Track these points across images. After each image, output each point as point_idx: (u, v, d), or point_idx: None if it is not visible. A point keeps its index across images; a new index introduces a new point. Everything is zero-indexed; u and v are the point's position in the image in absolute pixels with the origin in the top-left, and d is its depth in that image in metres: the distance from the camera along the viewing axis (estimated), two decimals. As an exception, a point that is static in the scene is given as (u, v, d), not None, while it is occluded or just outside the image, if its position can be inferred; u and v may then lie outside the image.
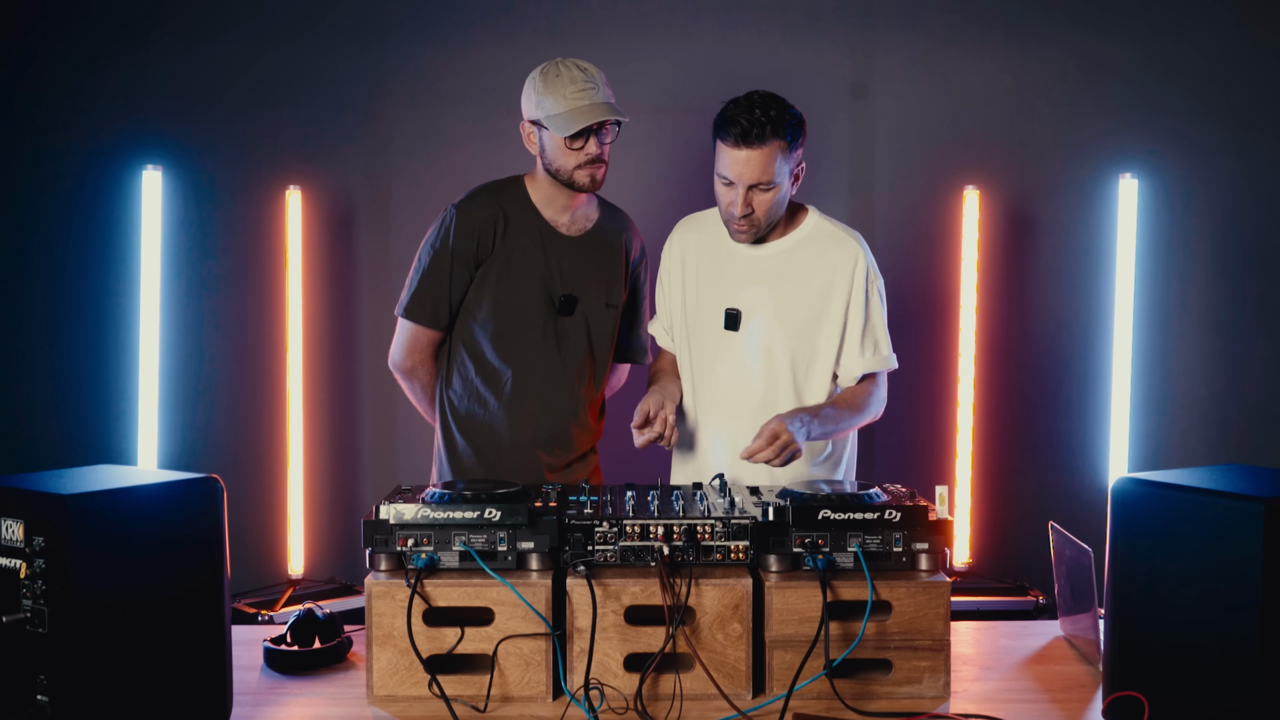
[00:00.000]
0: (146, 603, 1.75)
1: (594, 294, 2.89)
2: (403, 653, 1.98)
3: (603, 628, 1.99)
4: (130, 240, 4.16)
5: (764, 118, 2.53)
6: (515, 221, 2.82)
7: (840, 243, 2.71)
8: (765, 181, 2.57)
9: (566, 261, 2.85)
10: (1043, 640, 2.38)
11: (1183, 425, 4.35)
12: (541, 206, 2.85)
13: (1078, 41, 4.29)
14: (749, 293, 2.72)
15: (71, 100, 4.22)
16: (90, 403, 4.25)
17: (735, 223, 2.65)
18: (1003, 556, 4.35)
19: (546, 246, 2.84)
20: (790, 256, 2.71)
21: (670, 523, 2.04)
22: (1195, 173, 4.30)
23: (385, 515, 2.03)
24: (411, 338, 2.88)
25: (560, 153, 2.75)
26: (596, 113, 2.71)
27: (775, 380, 2.71)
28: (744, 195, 2.59)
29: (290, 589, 4.19)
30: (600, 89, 2.74)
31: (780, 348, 2.70)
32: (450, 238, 2.80)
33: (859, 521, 2.04)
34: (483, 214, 2.81)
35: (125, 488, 1.76)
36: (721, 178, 2.61)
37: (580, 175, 2.77)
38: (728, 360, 2.73)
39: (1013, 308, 4.35)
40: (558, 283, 2.84)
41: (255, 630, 2.43)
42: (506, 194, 2.85)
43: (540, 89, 2.73)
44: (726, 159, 2.58)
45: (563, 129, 2.70)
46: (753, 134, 2.53)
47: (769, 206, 2.62)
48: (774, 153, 2.55)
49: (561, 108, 2.70)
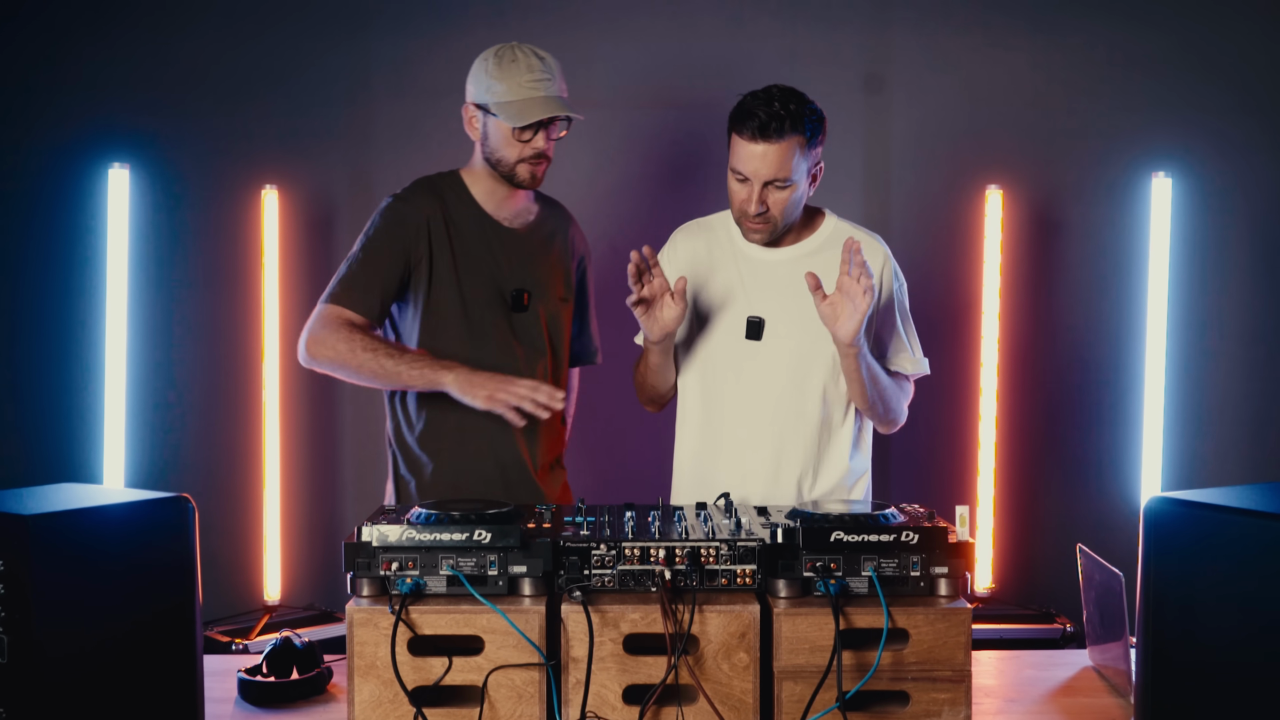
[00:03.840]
0: (113, 630, 1.75)
1: (546, 288, 2.89)
2: (386, 684, 1.98)
3: (600, 657, 1.99)
4: (95, 243, 4.17)
5: (783, 111, 2.54)
6: (457, 215, 2.82)
7: (864, 245, 2.71)
8: (782, 178, 2.58)
9: (514, 256, 2.85)
10: (1070, 671, 2.39)
11: (1219, 441, 4.35)
12: (482, 200, 2.85)
13: (1107, 31, 4.30)
14: (771, 300, 2.72)
15: (31, 94, 4.23)
16: (52, 417, 4.25)
17: (749, 221, 2.65)
18: (1027, 581, 4.35)
19: (492, 241, 2.83)
20: (811, 261, 2.71)
21: (672, 545, 2.04)
22: (1233, 171, 4.31)
23: (368, 537, 2.04)
24: (327, 317, 2.72)
25: (505, 143, 2.75)
26: (551, 106, 2.72)
27: (803, 390, 2.71)
28: (759, 192, 2.59)
29: (266, 616, 4.18)
30: (556, 81, 2.75)
31: (807, 357, 2.70)
32: (388, 231, 2.78)
33: (874, 544, 2.05)
34: (423, 208, 2.80)
35: (90, 508, 1.76)
36: (735, 173, 2.61)
37: (522, 169, 2.77)
38: (748, 370, 2.73)
39: (1038, 315, 4.36)
40: (507, 278, 2.84)
41: (229, 660, 2.43)
42: (445, 187, 2.86)
43: (492, 72, 2.73)
44: (742, 153, 2.58)
45: (513, 118, 2.70)
46: (771, 127, 2.53)
47: (785, 206, 2.62)
48: (792, 148, 2.56)
49: (513, 95, 2.71)
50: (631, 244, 2.62)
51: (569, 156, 4.06)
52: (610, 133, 4.26)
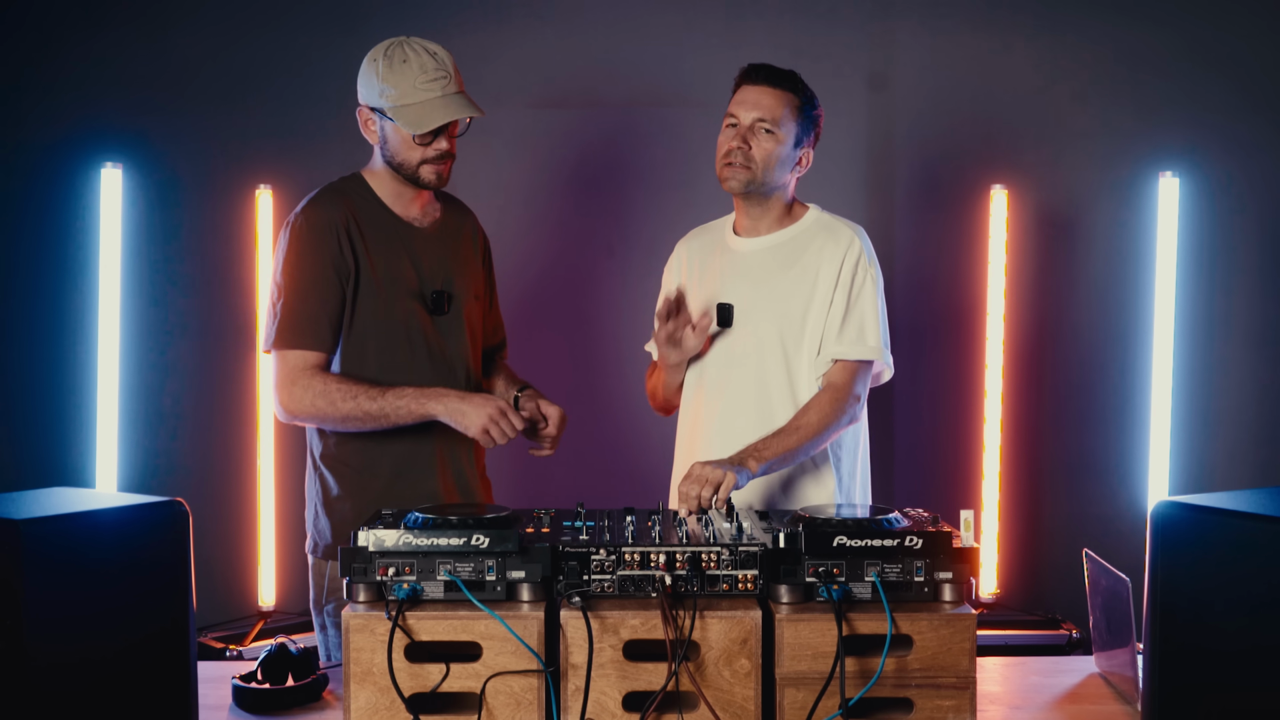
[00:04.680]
0: (105, 637, 1.75)
1: (464, 287, 2.85)
2: (383, 691, 1.98)
3: (600, 664, 1.99)
4: (88, 244, 4.17)
5: (786, 72, 2.76)
6: (367, 219, 2.75)
7: (834, 232, 2.81)
8: (771, 121, 2.72)
9: (428, 257, 2.80)
10: (1076, 677, 2.39)
11: (1229, 444, 4.35)
12: (390, 201, 2.79)
13: (1114, 29, 4.30)
14: (741, 287, 2.82)
15: (22, 92, 4.23)
16: (44, 420, 4.25)
17: (728, 161, 2.75)
18: (1033, 587, 4.35)
19: (405, 243, 2.78)
20: (785, 249, 2.81)
21: (673, 550, 2.04)
22: (1242, 171, 4.31)
23: (364, 542, 2.04)
24: (292, 369, 2.68)
25: (405, 146, 2.70)
26: (450, 109, 2.66)
27: (767, 375, 2.78)
28: (745, 131, 2.73)
29: (261, 622, 4.19)
30: (451, 78, 2.68)
31: (772, 342, 2.78)
32: (312, 248, 2.69)
33: (877, 549, 2.05)
34: (332, 216, 2.72)
35: (82, 512, 1.76)
36: (729, 118, 2.77)
37: (426, 171, 2.72)
38: (721, 358, 2.82)
39: (1044, 317, 4.36)
40: (426, 280, 2.79)
41: (223, 667, 2.43)
42: (352, 192, 2.78)
43: (384, 74, 2.66)
44: (738, 96, 2.77)
45: (412, 125, 2.64)
46: (771, 75, 2.75)
47: (767, 155, 2.74)
48: (786, 100, 2.75)
49: (409, 99, 2.65)
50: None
51: (568, 157, 4.07)
52: (610, 132, 4.25)
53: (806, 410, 2.70)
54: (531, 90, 4.29)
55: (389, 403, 2.63)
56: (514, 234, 4.08)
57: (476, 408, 2.61)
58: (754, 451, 2.58)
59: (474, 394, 2.67)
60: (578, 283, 4.36)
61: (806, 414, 2.69)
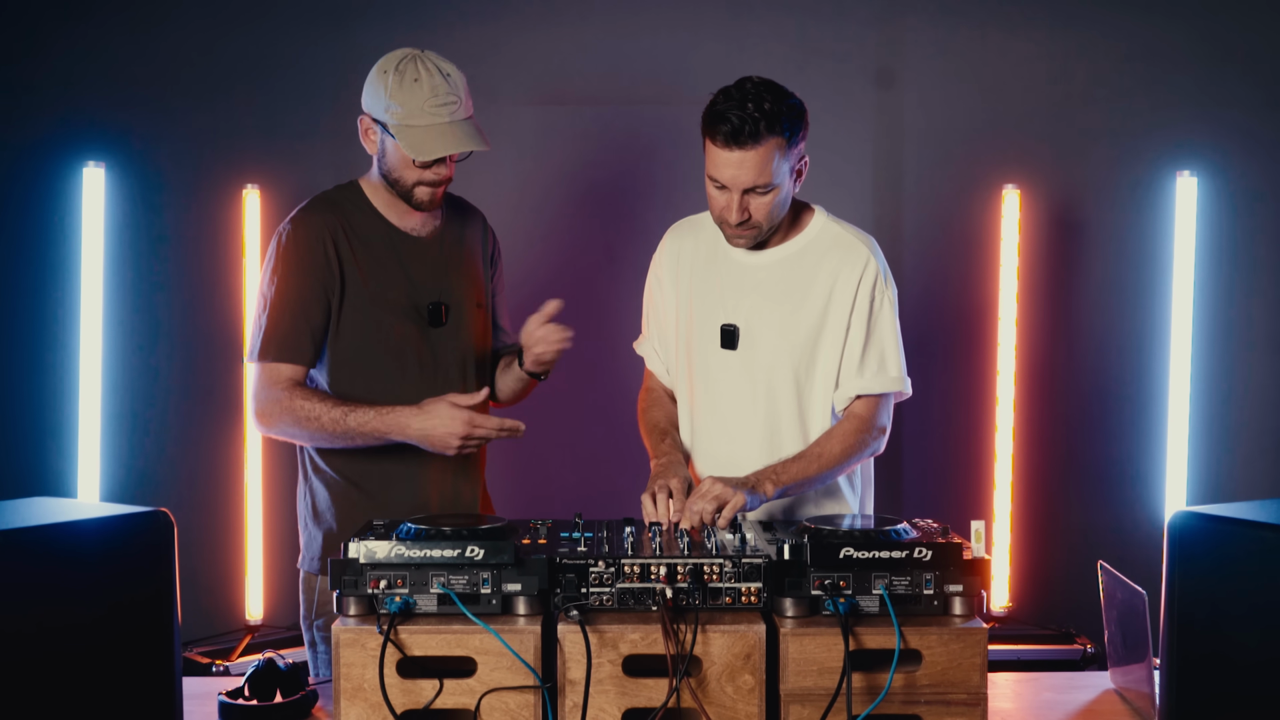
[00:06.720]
0: (86, 652, 1.75)
1: (463, 297, 2.85)
2: (374, 707, 1.98)
3: (598, 679, 1.99)
4: (70, 245, 4.17)
5: (758, 113, 2.45)
6: (360, 229, 2.75)
7: (847, 247, 2.67)
8: (763, 184, 2.51)
9: (425, 267, 2.80)
10: (1091, 693, 2.39)
11: (1247, 452, 4.35)
12: (385, 210, 2.79)
13: (1130, 24, 4.30)
14: (747, 306, 2.69)
15: (1, 89, 4.24)
16: (24, 427, 4.26)
17: (731, 229, 2.61)
18: (1046, 600, 4.35)
19: (401, 253, 2.78)
20: (793, 264, 2.68)
21: (674, 562, 2.04)
22: (1261, 170, 4.31)
23: (355, 554, 2.04)
24: (267, 382, 2.70)
25: (403, 164, 2.70)
26: (455, 139, 2.65)
27: (776, 402, 2.68)
28: (739, 200, 2.53)
29: (248, 636, 4.19)
30: (461, 102, 2.67)
31: (782, 367, 2.67)
32: (297, 260, 2.70)
33: (885, 561, 2.05)
34: (323, 225, 2.72)
35: (63, 523, 1.76)
36: (713, 180, 2.54)
37: (420, 192, 2.72)
38: (725, 381, 2.71)
39: (1057, 321, 4.36)
40: (421, 292, 2.80)
41: (209, 682, 2.43)
42: (345, 201, 2.78)
43: (393, 90, 2.64)
44: (718, 160, 2.50)
45: (414, 150, 2.64)
46: (745, 132, 2.45)
47: (768, 210, 2.57)
48: (771, 151, 2.48)
49: (415, 121, 2.64)
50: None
51: (569, 157, 4.07)
52: (611, 132, 4.26)
53: (829, 438, 2.62)
54: (530, 87, 4.30)
55: (353, 424, 2.64)
56: (514, 233, 4.07)
57: (443, 425, 2.60)
58: (772, 474, 2.50)
59: (437, 408, 2.62)
60: (578, 283, 4.35)
61: (829, 441, 2.61)
